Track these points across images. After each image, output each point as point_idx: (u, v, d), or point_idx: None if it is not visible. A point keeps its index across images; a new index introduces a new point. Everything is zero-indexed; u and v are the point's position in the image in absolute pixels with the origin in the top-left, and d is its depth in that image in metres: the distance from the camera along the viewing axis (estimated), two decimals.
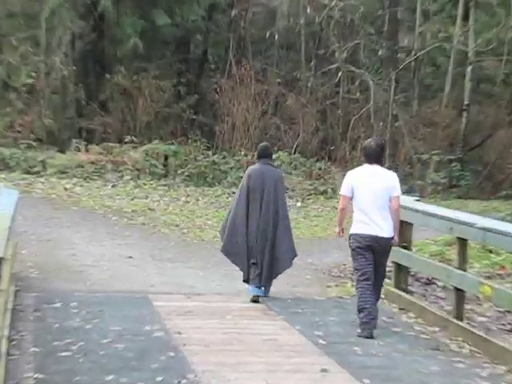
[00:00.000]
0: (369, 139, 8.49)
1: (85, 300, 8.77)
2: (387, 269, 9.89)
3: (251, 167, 9.69)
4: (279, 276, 9.52)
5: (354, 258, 8.12)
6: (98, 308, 8.40)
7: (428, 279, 10.63)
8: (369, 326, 7.84)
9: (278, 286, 9.68)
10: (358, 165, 8.72)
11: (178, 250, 12.63)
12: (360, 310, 7.92)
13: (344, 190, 8.14)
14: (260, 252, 9.16)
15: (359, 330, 7.87)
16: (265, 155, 9.56)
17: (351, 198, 8.08)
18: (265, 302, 9.12)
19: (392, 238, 8.06)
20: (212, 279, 10.49)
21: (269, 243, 9.17)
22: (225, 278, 10.46)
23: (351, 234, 8.07)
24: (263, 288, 9.30)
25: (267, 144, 10.06)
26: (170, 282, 10.16)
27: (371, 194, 7.96)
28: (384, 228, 7.96)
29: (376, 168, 8.10)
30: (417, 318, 8.73)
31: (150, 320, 8.04)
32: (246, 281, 9.31)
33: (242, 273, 9.37)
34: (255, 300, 9.19)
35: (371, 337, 7.78)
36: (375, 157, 8.10)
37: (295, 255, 9.42)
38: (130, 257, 11.63)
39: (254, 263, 9.17)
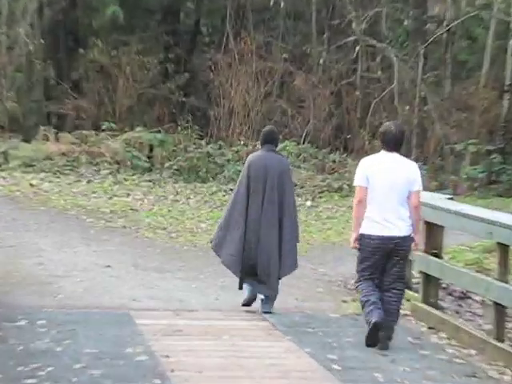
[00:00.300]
0: (387, 122, 8.49)
1: (54, 317, 8.77)
2: (414, 280, 9.96)
3: (252, 154, 9.71)
4: (285, 289, 9.52)
5: (359, 262, 8.15)
6: (71, 327, 8.40)
7: (463, 293, 10.64)
8: (375, 314, 7.77)
9: (284, 300, 9.69)
10: None
11: (166, 257, 12.65)
12: (364, 305, 7.93)
13: (359, 180, 8.09)
14: (263, 257, 9.18)
15: (367, 341, 7.90)
16: (269, 140, 9.54)
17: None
18: (268, 320, 9.13)
19: (410, 238, 8.05)
20: (206, 292, 10.50)
21: (274, 249, 9.19)
22: (221, 291, 10.48)
23: (361, 235, 8.08)
24: (266, 303, 9.35)
25: (273, 127, 10.03)
26: (155, 296, 10.17)
27: (387, 187, 7.95)
28: (401, 227, 7.96)
29: (395, 156, 8.09)
30: (449, 339, 8.73)
31: (132, 341, 8.04)
32: (241, 287, 9.39)
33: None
34: (251, 299, 9.26)
35: (375, 326, 7.78)
36: (395, 143, 8.09)
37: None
38: (109, 266, 11.65)
39: (251, 265, 9.21)
